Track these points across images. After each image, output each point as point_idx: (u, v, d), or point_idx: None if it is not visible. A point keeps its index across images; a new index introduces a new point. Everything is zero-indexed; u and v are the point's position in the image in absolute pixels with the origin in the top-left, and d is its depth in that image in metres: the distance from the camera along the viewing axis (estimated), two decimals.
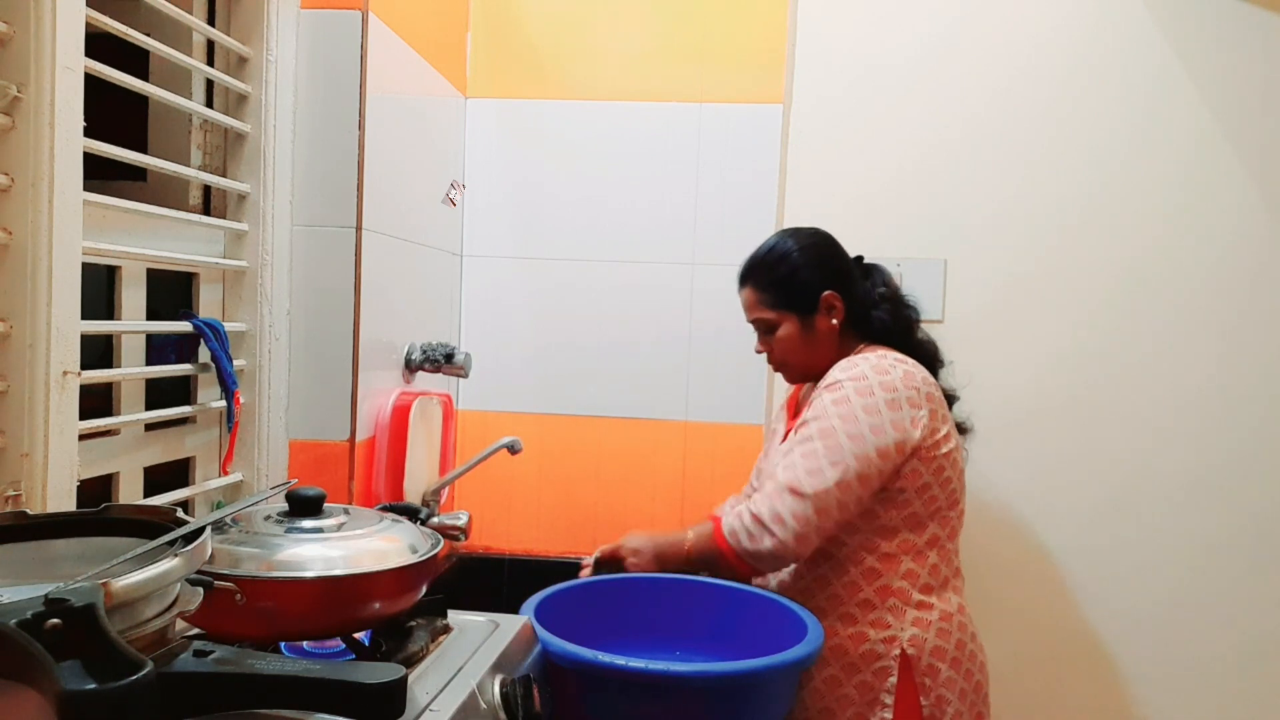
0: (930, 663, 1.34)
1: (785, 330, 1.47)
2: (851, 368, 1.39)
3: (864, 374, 1.36)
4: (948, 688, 1.35)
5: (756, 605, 1.34)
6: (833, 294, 1.46)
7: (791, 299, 1.47)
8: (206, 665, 0.63)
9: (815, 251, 1.49)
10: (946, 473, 1.38)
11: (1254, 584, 1.82)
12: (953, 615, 1.38)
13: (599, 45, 1.97)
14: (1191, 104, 1.79)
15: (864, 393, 1.34)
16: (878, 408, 1.33)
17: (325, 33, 1.44)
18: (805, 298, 1.46)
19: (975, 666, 1.39)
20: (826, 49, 1.88)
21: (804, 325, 1.46)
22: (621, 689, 1.12)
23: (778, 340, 1.48)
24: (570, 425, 2.03)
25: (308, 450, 1.47)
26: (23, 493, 0.93)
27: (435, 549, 0.93)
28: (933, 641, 1.35)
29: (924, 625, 1.35)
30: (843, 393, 1.35)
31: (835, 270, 1.48)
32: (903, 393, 1.35)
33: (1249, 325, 1.80)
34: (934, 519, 1.39)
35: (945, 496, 1.39)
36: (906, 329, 1.50)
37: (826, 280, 1.46)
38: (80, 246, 0.98)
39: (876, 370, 1.37)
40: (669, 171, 1.97)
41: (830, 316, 1.46)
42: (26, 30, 0.92)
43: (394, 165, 1.60)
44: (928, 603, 1.36)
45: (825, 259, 1.49)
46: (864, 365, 1.38)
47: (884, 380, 1.35)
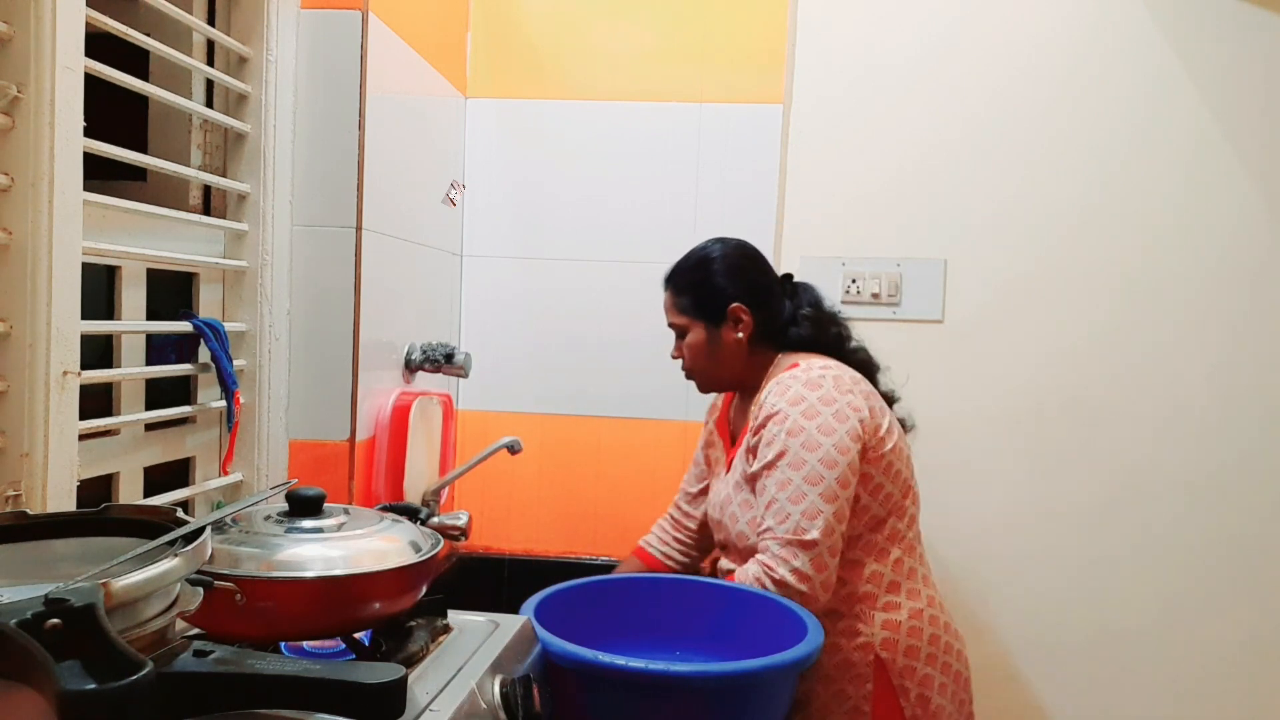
0: (906, 663, 1.33)
1: (693, 337, 1.47)
2: (786, 391, 1.36)
3: (800, 395, 1.34)
4: (926, 685, 1.34)
5: (756, 605, 1.34)
6: (740, 306, 1.45)
7: (701, 306, 1.47)
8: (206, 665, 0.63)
9: (732, 262, 1.48)
10: (896, 466, 1.38)
11: (1254, 583, 1.82)
12: (922, 610, 1.37)
13: (599, 45, 1.97)
14: (1191, 104, 1.79)
15: (810, 414, 1.33)
16: (830, 425, 1.32)
17: (325, 33, 1.44)
18: (714, 307, 1.46)
19: (952, 657, 1.38)
20: (826, 49, 1.88)
21: (710, 334, 1.46)
22: (621, 689, 1.11)
23: (686, 346, 1.49)
24: (570, 425, 2.03)
25: (308, 450, 1.47)
26: (23, 493, 0.93)
27: (435, 549, 0.93)
28: (905, 641, 1.34)
29: (894, 626, 1.34)
30: (792, 420, 1.33)
31: (750, 284, 1.47)
32: (840, 401, 1.34)
33: (1249, 325, 1.80)
34: (891, 514, 1.38)
35: (897, 488, 1.38)
36: (834, 344, 1.48)
37: (738, 293, 1.45)
38: (80, 246, 0.98)
39: (809, 386, 1.35)
40: (669, 171, 1.97)
41: (736, 329, 1.45)
42: (26, 30, 0.92)
43: (394, 165, 1.60)
44: (895, 602, 1.36)
45: (741, 271, 1.48)
46: (796, 386, 1.36)
47: (821, 394, 1.34)
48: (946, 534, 1.88)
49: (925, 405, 1.69)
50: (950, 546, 1.88)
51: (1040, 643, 1.87)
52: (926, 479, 1.81)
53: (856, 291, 1.89)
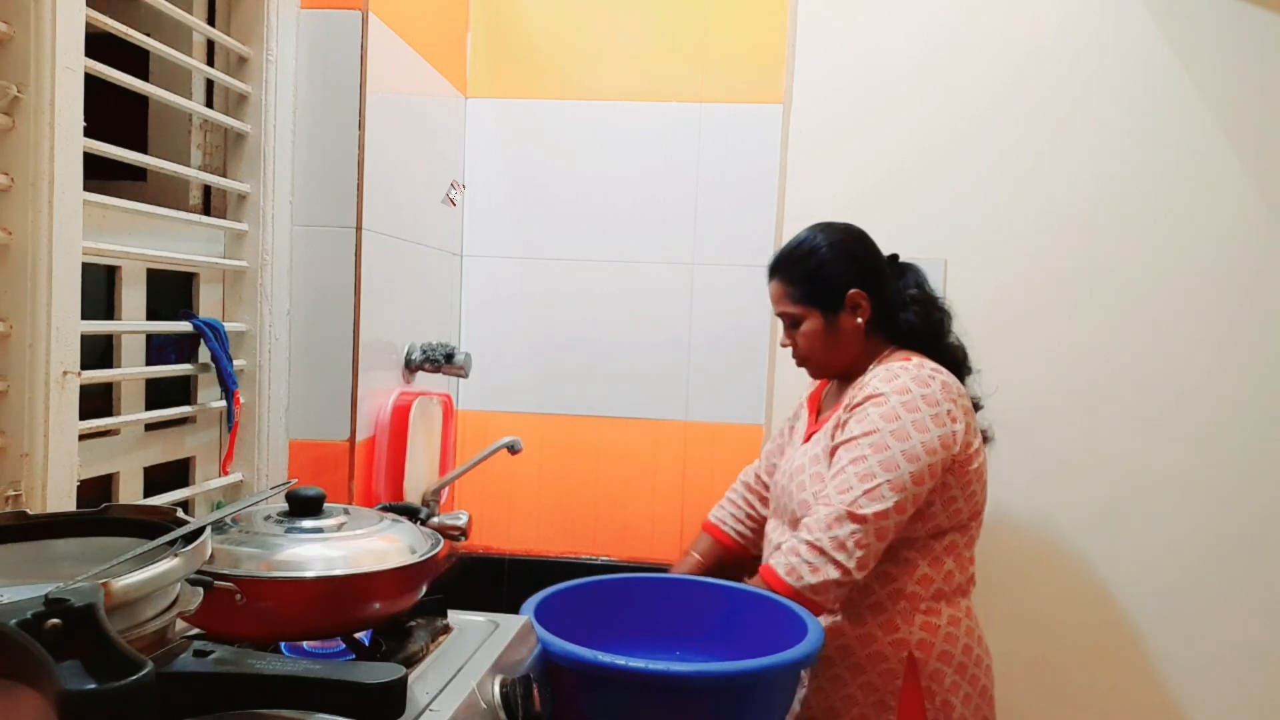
0: (936, 667, 1.34)
1: (809, 326, 1.45)
2: (893, 379, 1.35)
3: (907, 386, 1.33)
4: (952, 692, 1.35)
5: (756, 605, 1.34)
6: (859, 293, 1.43)
7: (817, 295, 1.44)
8: (206, 665, 0.63)
9: (845, 248, 1.46)
10: (973, 486, 1.37)
11: (1255, 583, 1.82)
12: (960, 620, 1.38)
13: (599, 45, 1.97)
14: (1191, 103, 1.79)
15: (911, 407, 1.32)
16: (926, 424, 1.31)
17: (325, 33, 1.44)
18: (831, 294, 1.44)
19: (980, 670, 1.39)
20: (826, 49, 1.88)
21: (828, 322, 1.44)
22: (621, 689, 1.11)
23: (801, 335, 1.46)
24: (570, 425, 2.03)
25: (308, 450, 1.47)
26: (23, 493, 0.93)
27: (435, 549, 0.93)
28: (940, 646, 1.35)
29: (932, 629, 1.35)
30: (890, 406, 1.32)
31: (865, 268, 1.46)
32: (944, 406, 1.33)
33: (1249, 324, 1.80)
34: (956, 529, 1.38)
35: (969, 508, 1.38)
36: (936, 332, 1.47)
37: (854, 278, 1.44)
38: (80, 246, 0.98)
39: (918, 382, 1.34)
40: (669, 171, 1.97)
41: (855, 315, 1.44)
42: (26, 30, 0.92)
43: (394, 165, 1.60)
44: (936, 608, 1.36)
45: (855, 256, 1.46)
46: (905, 377, 1.35)
47: (926, 393, 1.33)
48: None
49: None
50: None
51: (1039, 642, 1.87)
52: None
53: None
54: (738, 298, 1.95)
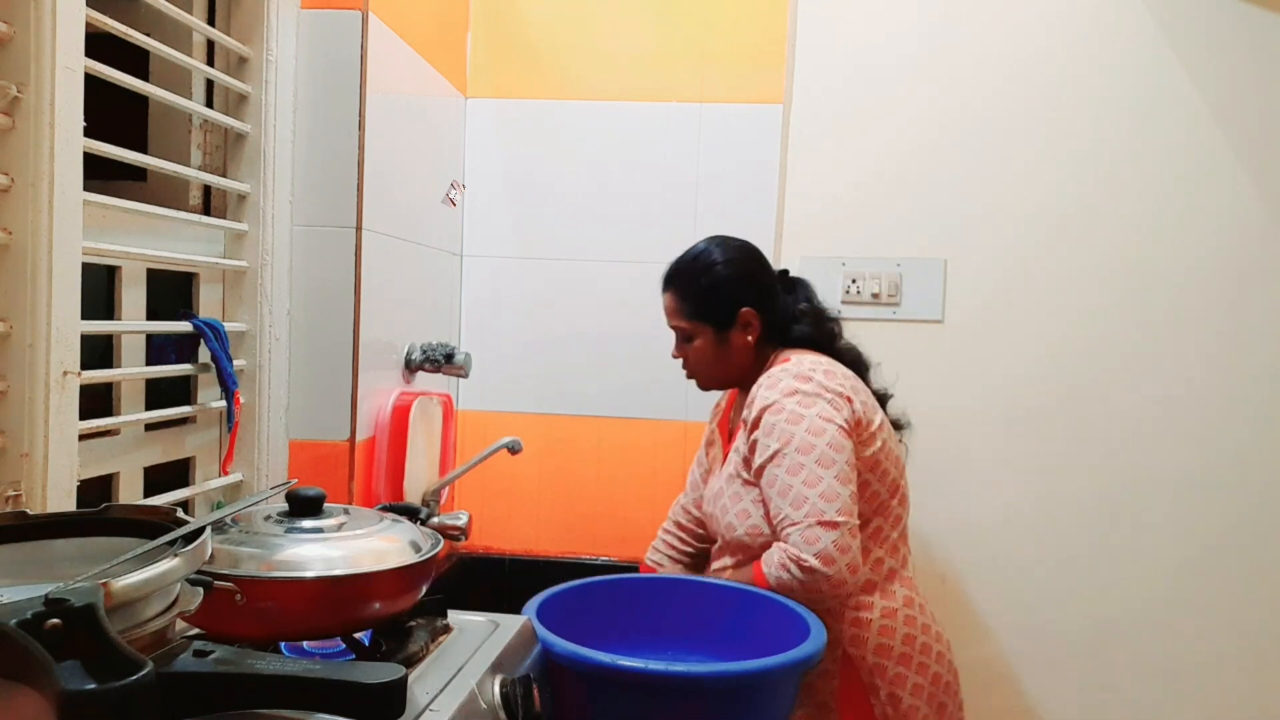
0: (875, 661, 1.33)
1: (701, 341, 1.46)
2: (776, 384, 1.36)
3: (793, 386, 1.34)
4: (897, 684, 1.33)
5: (757, 605, 1.34)
6: (750, 311, 1.45)
7: (709, 311, 1.45)
8: (206, 665, 0.63)
9: (739, 266, 1.47)
10: (884, 466, 1.37)
11: (1251, 584, 1.82)
12: (897, 610, 1.35)
13: (599, 45, 1.97)
14: (1190, 103, 1.79)
15: (806, 403, 1.33)
16: (829, 414, 1.32)
17: (325, 33, 1.44)
18: (723, 312, 1.45)
19: (930, 658, 1.36)
20: (826, 49, 1.88)
21: (719, 338, 1.46)
22: (622, 689, 1.11)
23: (692, 349, 1.47)
24: (570, 425, 2.03)
25: (308, 450, 1.47)
26: (23, 493, 0.93)
27: (435, 549, 0.93)
28: (875, 640, 1.33)
29: (863, 624, 1.34)
30: (790, 410, 1.32)
31: (757, 286, 1.47)
32: (832, 392, 1.34)
33: (1248, 324, 1.80)
34: (877, 514, 1.38)
35: (885, 488, 1.38)
36: (828, 340, 1.49)
37: (747, 297, 1.45)
38: (80, 246, 0.98)
39: (799, 379, 1.35)
40: (669, 171, 1.97)
41: (746, 333, 1.45)
42: (26, 30, 0.92)
43: (394, 165, 1.60)
44: (867, 601, 1.35)
45: (749, 274, 1.48)
46: (786, 379, 1.36)
47: (812, 386, 1.34)
48: (945, 533, 1.88)
49: (925, 405, 1.69)
50: (949, 546, 1.88)
51: (1038, 641, 1.87)
52: (926, 478, 1.81)
53: (856, 291, 1.89)
54: None
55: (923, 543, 1.86)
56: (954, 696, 1.40)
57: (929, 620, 1.40)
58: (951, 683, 1.40)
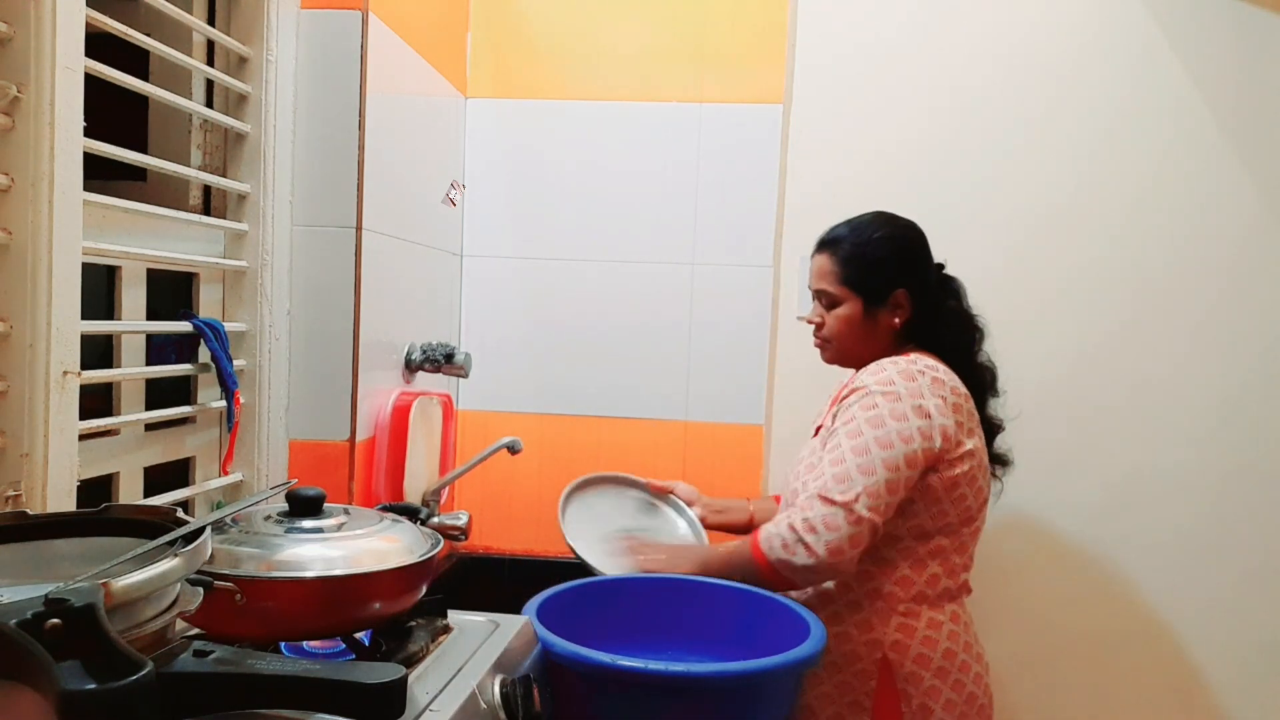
0: (913, 670, 1.33)
1: (846, 310, 1.43)
2: (879, 372, 1.35)
3: (891, 379, 1.33)
4: (930, 696, 1.33)
5: (758, 605, 1.34)
6: (905, 293, 1.42)
7: (865, 282, 1.42)
8: (206, 665, 0.63)
9: (904, 245, 1.45)
10: (961, 489, 1.35)
11: (1256, 582, 1.82)
12: (942, 624, 1.35)
13: (599, 45, 1.97)
14: (1191, 103, 1.79)
15: (891, 397, 1.31)
16: (905, 414, 1.30)
17: (325, 33, 1.44)
18: (878, 286, 1.42)
19: (968, 678, 1.36)
20: (826, 48, 1.88)
21: (867, 313, 1.43)
22: (622, 689, 1.11)
23: (834, 317, 1.44)
24: (570, 425, 2.02)
25: (308, 450, 1.47)
26: (23, 493, 0.93)
27: (435, 549, 0.94)
28: (917, 649, 1.33)
29: (908, 632, 1.34)
30: (871, 398, 1.32)
31: (916, 271, 1.44)
32: (930, 400, 1.32)
33: (1249, 324, 1.80)
34: (942, 533, 1.36)
35: (957, 513, 1.36)
36: (967, 348, 1.46)
37: (905, 278, 1.42)
38: (80, 246, 0.98)
39: (904, 376, 1.34)
40: (669, 171, 1.97)
41: (895, 315, 1.42)
42: (26, 30, 0.92)
43: (394, 165, 1.60)
44: (916, 610, 1.35)
45: (911, 256, 1.45)
46: (891, 370, 1.35)
47: (911, 386, 1.32)
48: None
49: None
50: None
51: (1040, 643, 1.87)
52: None
53: None
54: (738, 298, 1.95)
55: None
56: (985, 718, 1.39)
57: (972, 640, 1.39)
58: (986, 706, 1.39)
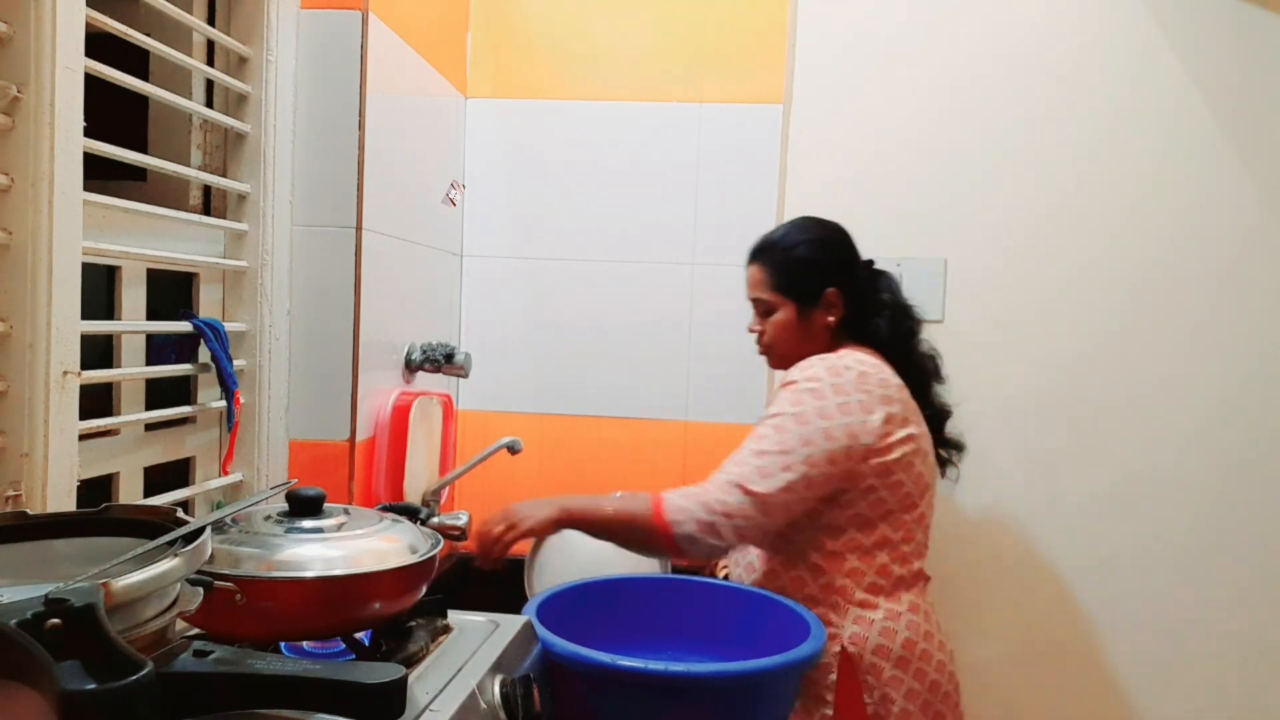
0: (873, 661, 1.33)
1: (782, 316, 1.47)
2: (808, 368, 1.38)
3: (818, 374, 1.36)
4: (892, 686, 1.33)
5: (756, 605, 1.34)
6: (836, 291, 1.45)
7: (796, 286, 1.46)
8: (206, 665, 0.63)
9: (830, 246, 1.48)
10: (897, 476, 1.36)
11: (1254, 585, 1.81)
12: (900, 614, 1.35)
13: (599, 45, 1.97)
14: (1192, 103, 1.79)
15: (818, 394, 1.34)
16: (830, 411, 1.33)
17: (325, 33, 1.44)
18: (809, 288, 1.45)
19: (930, 666, 1.36)
20: (826, 49, 1.88)
21: (801, 315, 1.46)
22: (622, 689, 1.11)
23: (772, 324, 1.48)
24: (570, 425, 2.02)
25: (308, 450, 1.47)
26: (23, 493, 0.93)
27: (435, 549, 0.93)
28: (875, 640, 1.33)
29: (865, 624, 1.34)
30: (797, 394, 1.35)
31: (845, 268, 1.48)
32: (854, 396, 1.34)
33: (1249, 324, 1.80)
34: (884, 521, 1.37)
35: (896, 500, 1.37)
36: (905, 338, 1.49)
37: (833, 277, 1.46)
38: (80, 246, 0.98)
39: (831, 371, 1.36)
40: (669, 171, 1.97)
41: (829, 313, 1.45)
42: (26, 30, 0.92)
43: (394, 165, 1.60)
44: (872, 602, 1.35)
45: (838, 255, 1.49)
46: (819, 366, 1.37)
47: (836, 383, 1.34)
48: (943, 532, 1.87)
49: None
50: (947, 545, 1.87)
51: (1039, 643, 1.86)
52: None
53: None
54: (738, 298, 1.94)
55: None
56: (953, 707, 1.40)
57: (933, 629, 1.40)
58: (951, 693, 1.39)
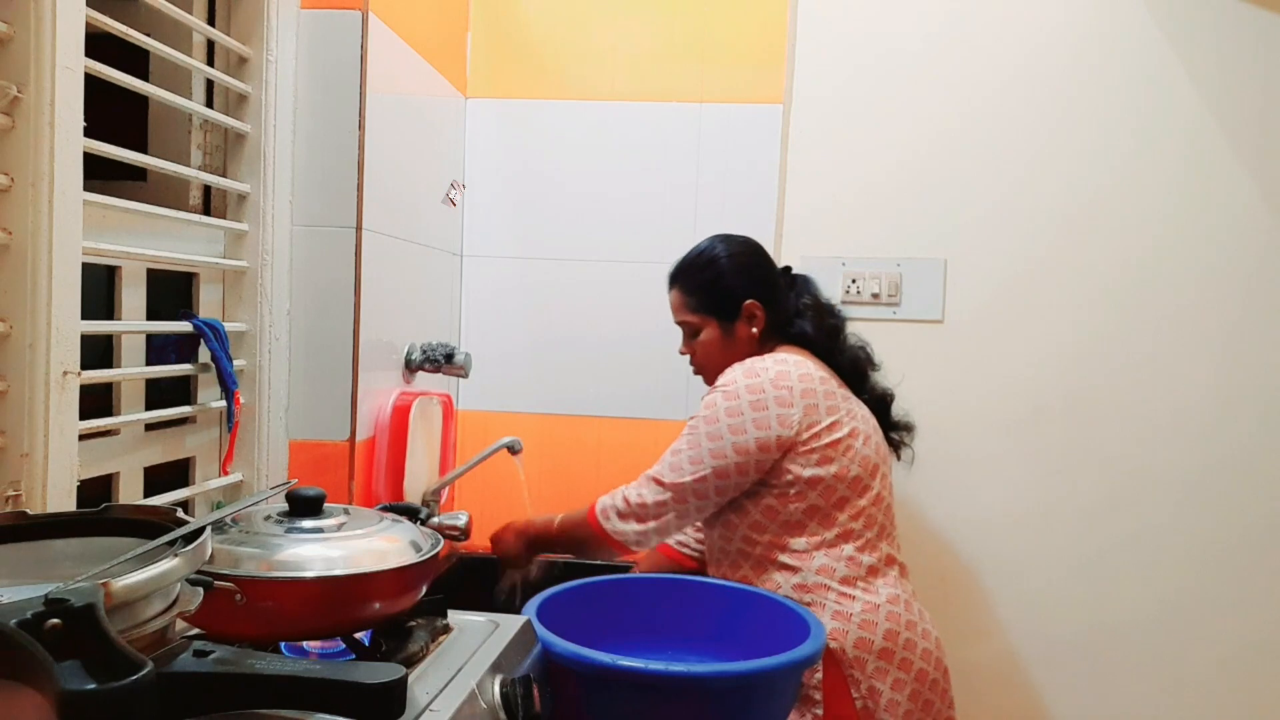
0: (856, 655, 1.33)
1: (707, 334, 1.53)
2: (727, 374, 1.44)
3: (734, 379, 1.42)
4: (878, 678, 1.33)
5: (756, 605, 1.34)
6: (754, 303, 1.50)
7: (715, 304, 1.52)
8: (206, 665, 0.63)
9: (742, 260, 1.54)
10: (838, 461, 1.39)
11: (1253, 584, 1.82)
12: (879, 605, 1.36)
13: (599, 45, 1.97)
14: (1191, 103, 1.79)
15: (730, 396, 1.40)
16: (740, 410, 1.39)
17: (325, 33, 1.44)
18: (727, 304, 1.51)
19: (915, 655, 1.36)
20: (826, 48, 1.88)
21: (724, 330, 1.52)
22: (622, 689, 1.11)
23: (699, 344, 1.54)
24: (570, 425, 2.02)
25: (308, 450, 1.47)
26: (23, 493, 0.93)
27: (435, 549, 0.93)
28: (855, 633, 1.34)
29: (844, 618, 1.35)
30: (712, 397, 1.43)
31: (760, 279, 1.53)
32: (770, 393, 1.39)
33: (1249, 324, 1.80)
34: (841, 509, 1.39)
35: (846, 486, 1.40)
36: (831, 335, 1.53)
37: (750, 289, 1.51)
38: (80, 246, 0.98)
39: (747, 374, 1.42)
40: (669, 171, 1.97)
41: (751, 325, 1.51)
42: (26, 30, 0.92)
43: (394, 165, 1.60)
44: (849, 595, 1.36)
45: (751, 268, 1.54)
46: (736, 371, 1.44)
47: (751, 383, 1.41)
48: (945, 533, 1.88)
49: (925, 405, 1.70)
50: (950, 546, 1.88)
51: (1040, 642, 1.87)
52: (925, 478, 1.81)
53: (856, 291, 1.89)
54: None
55: (921, 543, 1.86)
56: (942, 695, 1.40)
57: (915, 618, 1.40)
58: (939, 680, 1.40)
